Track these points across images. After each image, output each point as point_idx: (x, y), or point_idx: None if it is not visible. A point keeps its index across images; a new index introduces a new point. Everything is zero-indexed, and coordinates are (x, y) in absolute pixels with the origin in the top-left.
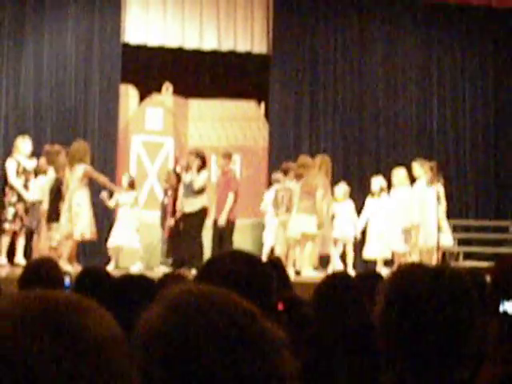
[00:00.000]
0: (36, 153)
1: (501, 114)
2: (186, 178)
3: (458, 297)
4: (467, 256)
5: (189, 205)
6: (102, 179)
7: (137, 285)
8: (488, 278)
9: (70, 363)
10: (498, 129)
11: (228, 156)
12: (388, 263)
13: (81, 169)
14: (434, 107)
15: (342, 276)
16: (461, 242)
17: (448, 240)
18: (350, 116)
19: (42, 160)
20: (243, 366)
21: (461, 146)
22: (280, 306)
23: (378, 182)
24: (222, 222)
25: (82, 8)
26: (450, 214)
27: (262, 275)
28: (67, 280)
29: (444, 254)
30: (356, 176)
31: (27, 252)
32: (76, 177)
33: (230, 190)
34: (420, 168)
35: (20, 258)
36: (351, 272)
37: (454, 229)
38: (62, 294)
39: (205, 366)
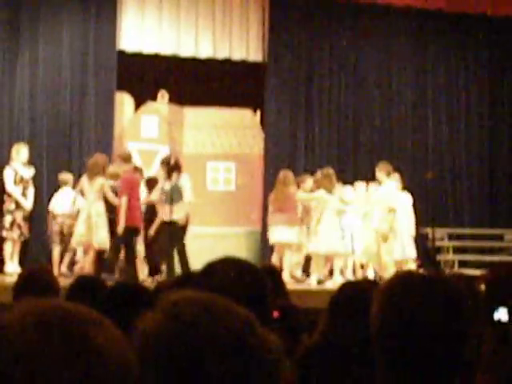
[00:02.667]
0: (32, 161)
1: (496, 124)
2: (166, 185)
3: (453, 305)
4: (462, 264)
5: (175, 212)
6: (112, 199)
7: (131, 293)
8: (481, 286)
9: (83, 375)
10: (492, 138)
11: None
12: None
13: (99, 182)
14: (429, 117)
15: (358, 284)
16: (456, 250)
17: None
18: (345, 124)
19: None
20: (241, 374)
21: (456, 155)
22: (276, 314)
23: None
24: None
25: (77, 16)
26: (445, 222)
27: (257, 283)
28: None
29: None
30: (351, 185)
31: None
32: (95, 189)
33: (121, 195)
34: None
35: (15, 266)
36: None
37: (450, 237)
38: (72, 306)
39: (203, 373)
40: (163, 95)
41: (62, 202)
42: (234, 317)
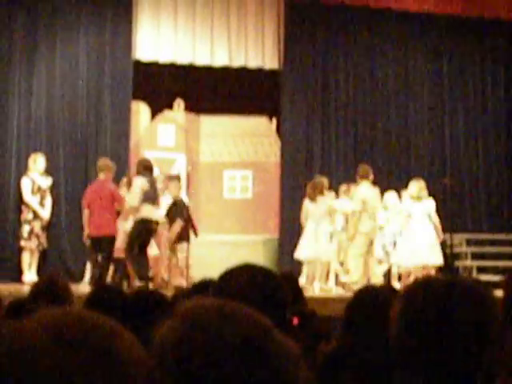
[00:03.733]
0: (49, 171)
1: None
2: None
3: (474, 308)
4: (481, 270)
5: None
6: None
7: (149, 301)
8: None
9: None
10: (511, 143)
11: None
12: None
13: None
14: (446, 122)
15: (374, 290)
16: (474, 256)
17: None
18: (361, 131)
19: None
20: (259, 381)
21: (473, 160)
22: (295, 321)
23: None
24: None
25: (93, 25)
26: (463, 228)
27: (276, 289)
28: None
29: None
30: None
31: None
32: None
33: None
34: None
35: (33, 276)
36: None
37: (468, 243)
38: (92, 315)
39: (220, 380)
40: (179, 104)
41: None
42: (253, 324)
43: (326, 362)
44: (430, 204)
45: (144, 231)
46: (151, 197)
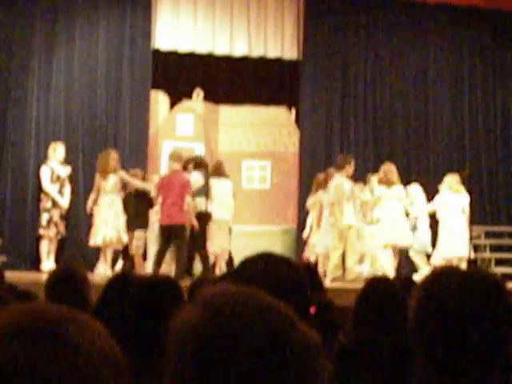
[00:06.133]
0: (68, 160)
1: None
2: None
3: (493, 299)
4: (499, 262)
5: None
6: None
7: (164, 288)
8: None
9: (60, 373)
10: None
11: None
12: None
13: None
14: (465, 114)
15: (382, 280)
16: (493, 249)
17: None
18: (381, 122)
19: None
20: (280, 369)
21: (493, 152)
22: (312, 310)
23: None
24: None
25: (112, 14)
26: (481, 221)
27: (295, 278)
28: None
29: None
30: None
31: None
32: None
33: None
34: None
35: (51, 264)
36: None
37: (486, 235)
38: (49, 307)
39: (240, 367)
40: (198, 93)
41: None
42: (274, 311)
43: (341, 352)
44: (466, 198)
45: (203, 225)
46: (202, 190)
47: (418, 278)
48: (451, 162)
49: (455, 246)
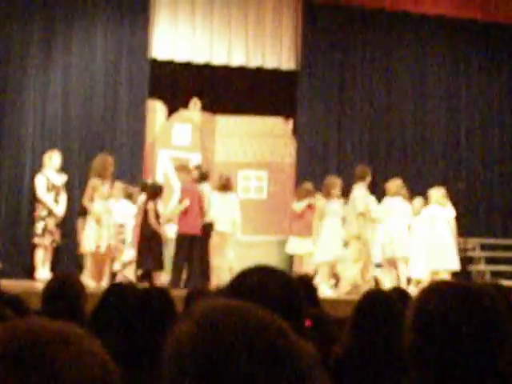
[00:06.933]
0: (64, 168)
1: None
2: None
3: (489, 314)
4: (494, 275)
5: None
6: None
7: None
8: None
9: None
10: None
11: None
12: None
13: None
14: (462, 124)
15: (379, 294)
16: (488, 261)
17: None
18: (377, 133)
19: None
20: (276, 382)
21: (488, 164)
22: (308, 323)
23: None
24: None
25: (110, 23)
26: (476, 233)
27: (290, 291)
28: None
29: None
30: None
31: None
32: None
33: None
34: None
35: (46, 273)
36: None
37: (482, 247)
38: (37, 325)
39: (238, 381)
40: (195, 103)
41: None
42: (268, 324)
43: (337, 363)
44: (452, 212)
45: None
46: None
47: (413, 291)
48: (447, 174)
49: (445, 259)
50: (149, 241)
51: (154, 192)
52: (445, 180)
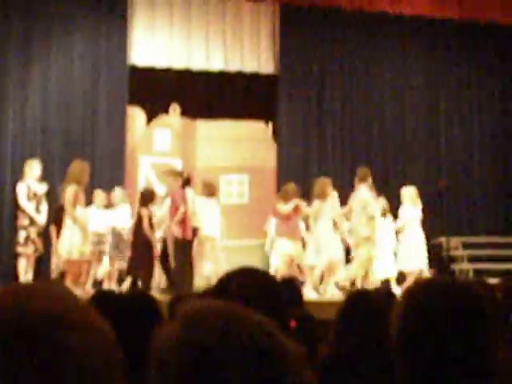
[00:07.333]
0: (44, 176)
1: (509, 134)
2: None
3: (474, 311)
4: (477, 273)
5: None
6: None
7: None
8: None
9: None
10: (506, 147)
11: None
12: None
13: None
14: (441, 127)
15: (365, 294)
16: (470, 259)
17: None
18: (357, 136)
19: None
20: (262, 382)
21: (469, 163)
22: (293, 323)
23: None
24: None
25: (88, 31)
26: (460, 231)
27: (274, 292)
28: None
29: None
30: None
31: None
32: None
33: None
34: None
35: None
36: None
37: (464, 246)
38: (48, 309)
39: (223, 382)
40: (175, 109)
41: None
42: (254, 325)
43: (323, 365)
44: (420, 210)
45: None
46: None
47: (397, 290)
48: (428, 174)
49: (419, 258)
50: (141, 248)
51: (148, 198)
52: (426, 179)
